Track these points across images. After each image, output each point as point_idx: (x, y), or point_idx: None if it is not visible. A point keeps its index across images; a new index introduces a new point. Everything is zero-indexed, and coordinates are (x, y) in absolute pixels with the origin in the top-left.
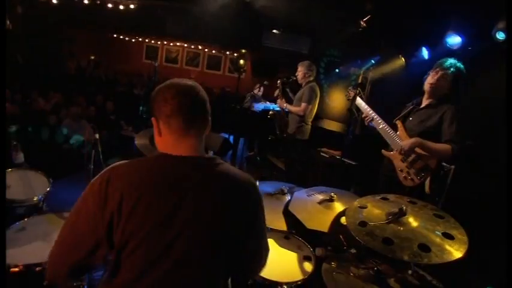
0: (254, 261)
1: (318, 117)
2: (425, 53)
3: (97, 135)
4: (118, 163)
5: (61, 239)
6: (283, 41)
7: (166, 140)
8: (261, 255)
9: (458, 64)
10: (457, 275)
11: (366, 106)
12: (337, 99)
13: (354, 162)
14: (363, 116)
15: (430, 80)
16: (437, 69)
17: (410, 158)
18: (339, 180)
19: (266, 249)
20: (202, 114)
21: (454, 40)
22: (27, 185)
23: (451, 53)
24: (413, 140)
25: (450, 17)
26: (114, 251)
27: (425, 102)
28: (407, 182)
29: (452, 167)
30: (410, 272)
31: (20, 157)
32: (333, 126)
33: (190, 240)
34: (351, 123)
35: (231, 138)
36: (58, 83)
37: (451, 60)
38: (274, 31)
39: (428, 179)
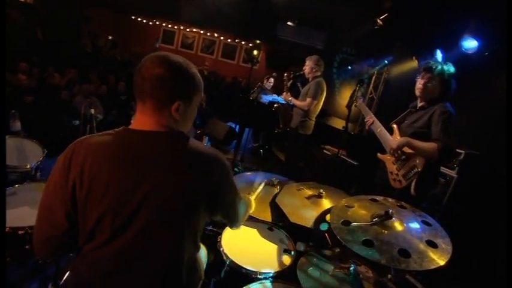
0: (229, 218)
1: (326, 114)
2: (439, 56)
3: (92, 111)
4: (84, 136)
5: (39, 213)
6: (298, 34)
7: (135, 113)
8: (231, 222)
9: (446, 66)
10: (449, 283)
11: (367, 110)
12: (347, 98)
13: (356, 162)
14: (365, 120)
15: (417, 85)
16: (423, 73)
17: (399, 161)
18: (339, 179)
19: (238, 218)
20: (151, 94)
21: (470, 44)
22: (21, 152)
23: (466, 57)
24: (401, 139)
25: (468, 20)
26: (81, 220)
27: (418, 105)
28: (395, 184)
29: (455, 176)
30: (389, 276)
31: (17, 125)
32: (341, 124)
33: (153, 210)
34: (348, 120)
35: (238, 128)
36: (74, 60)
37: (437, 63)
38: (289, 23)
39: (415, 181)
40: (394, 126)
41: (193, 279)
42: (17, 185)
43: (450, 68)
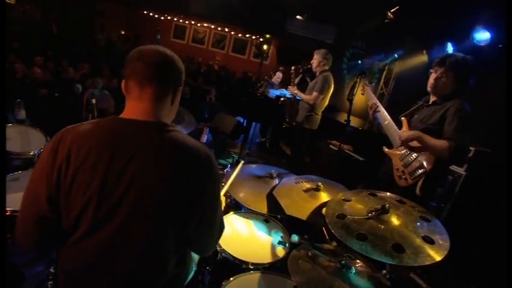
0: (203, 235)
1: (336, 109)
2: (450, 49)
3: (94, 100)
4: (72, 125)
5: (23, 203)
6: (307, 29)
7: (126, 103)
8: (210, 232)
9: (461, 59)
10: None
11: (373, 96)
12: (357, 93)
13: (362, 158)
14: (369, 105)
15: (430, 80)
16: (436, 68)
17: (407, 156)
18: (345, 174)
19: (218, 226)
20: (157, 80)
21: (482, 36)
22: (25, 139)
23: (478, 49)
24: (413, 131)
25: (480, 11)
26: (64, 210)
27: (431, 100)
28: (401, 182)
29: (463, 173)
30: (384, 271)
31: (22, 114)
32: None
33: (136, 201)
34: (350, 113)
35: (245, 122)
36: (88, 54)
37: (451, 56)
38: (298, 17)
39: (421, 181)
40: (403, 119)
41: (182, 270)
42: (20, 171)
43: (467, 63)
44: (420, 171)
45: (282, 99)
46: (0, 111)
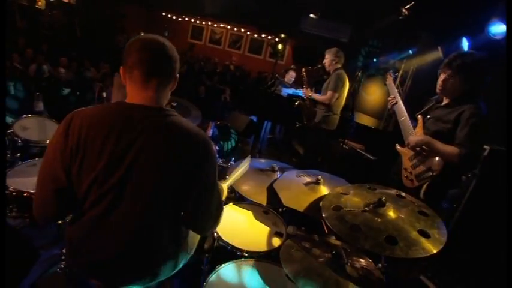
0: (200, 216)
1: (350, 109)
2: (465, 44)
3: (104, 94)
4: (82, 108)
5: (40, 172)
6: (322, 28)
7: (129, 89)
8: (208, 212)
9: (469, 61)
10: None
11: (394, 89)
12: (373, 93)
13: (373, 157)
14: (389, 98)
15: (438, 81)
16: (444, 69)
17: (416, 158)
18: (356, 173)
19: (215, 208)
20: (161, 70)
21: (498, 29)
22: (42, 129)
23: (494, 43)
24: (421, 137)
25: (495, 3)
26: (76, 185)
27: (444, 102)
28: (407, 183)
29: (477, 173)
30: (379, 265)
31: (40, 106)
32: (365, 120)
33: (138, 178)
34: (354, 108)
35: (257, 121)
36: (109, 55)
37: (460, 56)
38: (312, 16)
39: (426, 185)
40: (420, 117)
41: (176, 249)
42: (37, 158)
43: (477, 63)
44: (427, 174)
45: (297, 103)
46: (1, 110)
